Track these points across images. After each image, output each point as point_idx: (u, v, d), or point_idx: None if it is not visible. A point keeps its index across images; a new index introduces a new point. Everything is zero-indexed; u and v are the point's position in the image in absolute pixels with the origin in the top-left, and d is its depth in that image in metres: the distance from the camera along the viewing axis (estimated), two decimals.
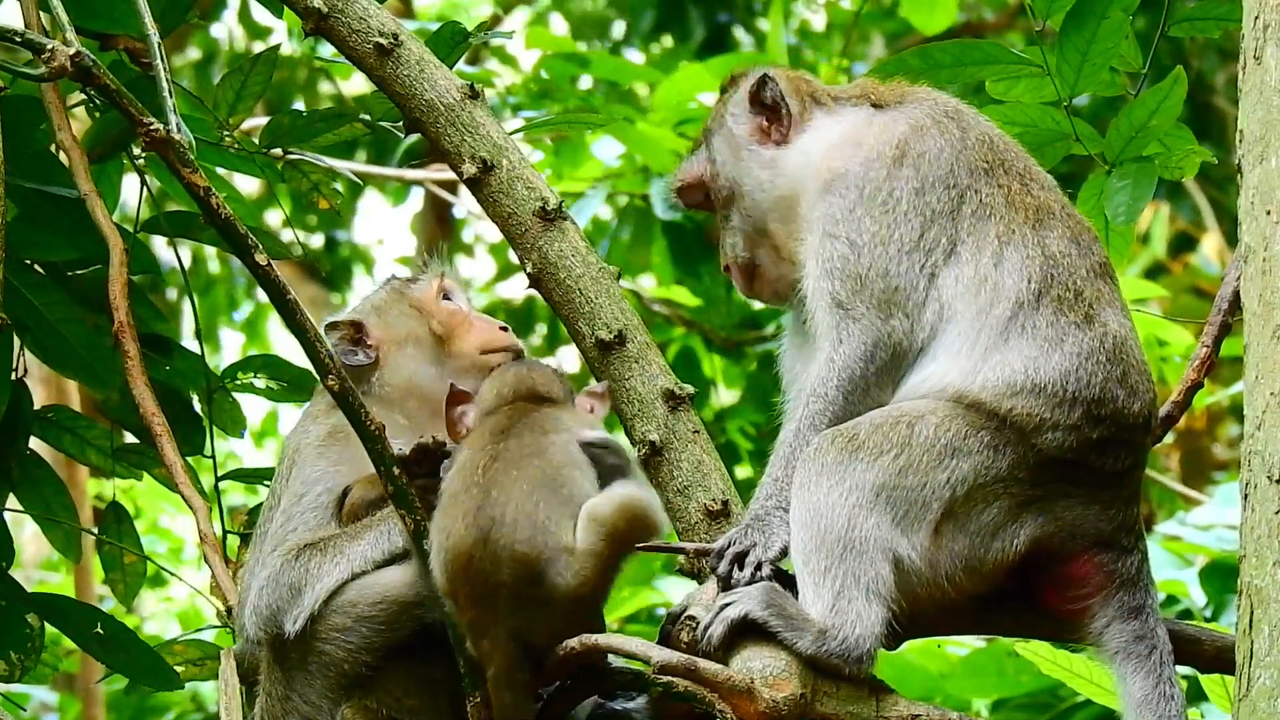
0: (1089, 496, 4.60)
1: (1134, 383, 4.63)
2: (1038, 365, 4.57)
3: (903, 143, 4.75)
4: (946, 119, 4.81)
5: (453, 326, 5.09)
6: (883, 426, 4.54)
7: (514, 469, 4.49)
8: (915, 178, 4.70)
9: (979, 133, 4.82)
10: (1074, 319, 4.62)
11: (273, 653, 4.78)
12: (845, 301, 4.66)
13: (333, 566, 4.72)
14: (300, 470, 4.90)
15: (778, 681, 4.41)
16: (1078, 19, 5.52)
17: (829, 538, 4.46)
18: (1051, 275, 4.64)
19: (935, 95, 4.93)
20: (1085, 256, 4.72)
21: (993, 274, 4.62)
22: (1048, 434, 4.55)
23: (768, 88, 4.92)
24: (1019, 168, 4.80)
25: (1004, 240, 4.65)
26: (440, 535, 4.47)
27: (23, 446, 5.74)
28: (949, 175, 4.72)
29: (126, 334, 5.33)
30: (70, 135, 5.50)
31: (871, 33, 15.56)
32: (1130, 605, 4.60)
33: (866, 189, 4.71)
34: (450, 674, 4.65)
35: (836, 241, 4.68)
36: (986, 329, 4.60)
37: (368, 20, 5.36)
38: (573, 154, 10.33)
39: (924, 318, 4.65)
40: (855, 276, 4.65)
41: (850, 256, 4.66)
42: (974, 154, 4.75)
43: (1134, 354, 4.67)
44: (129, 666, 5.53)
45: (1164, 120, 5.55)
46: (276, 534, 4.83)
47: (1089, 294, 4.66)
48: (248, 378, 5.89)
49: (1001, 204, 4.70)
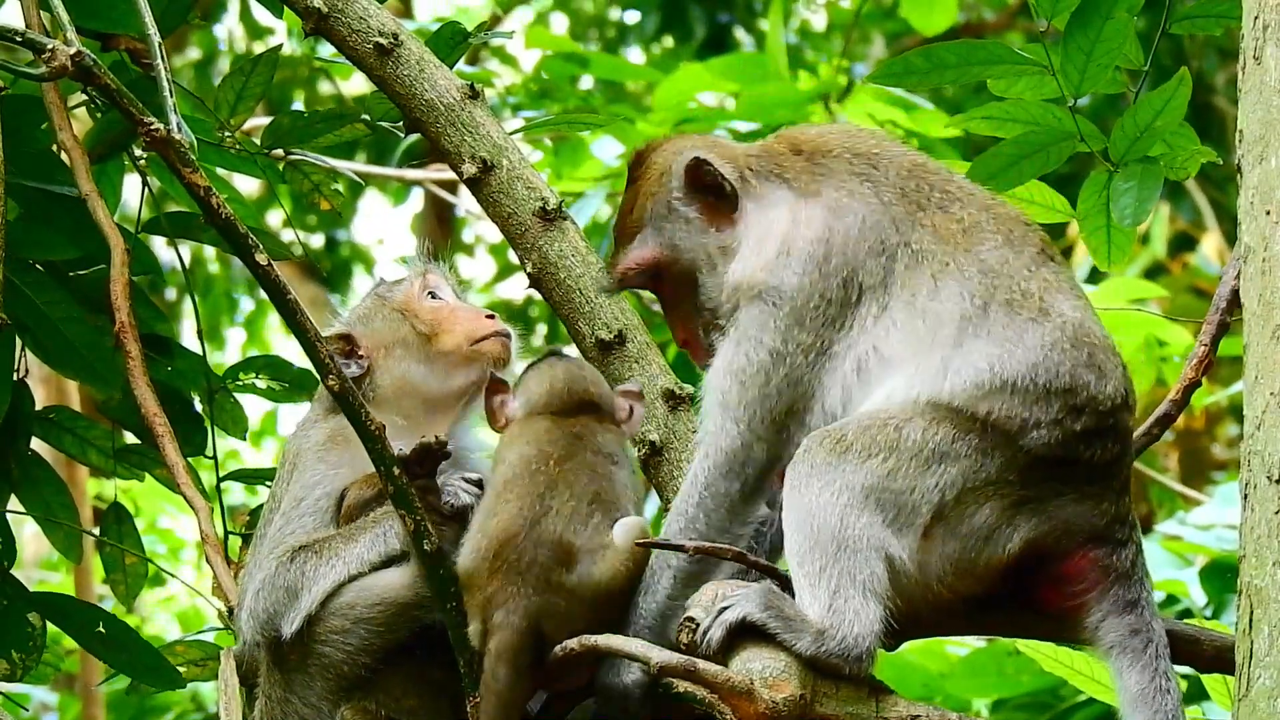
0: (1080, 493, 4.59)
1: (1101, 362, 4.61)
2: (1002, 362, 4.56)
3: (827, 237, 4.72)
4: (861, 185, 4.79)
5: (436, 323, 5.08)
6: (870, 428, 4.54)
7: (583, 478, 4.64)
8: (845, 266, 4.69)
9: (891, 183, 4.79)
10: (1028, 316, 4.60)
11: (271, 655, 4.79)
12: (732, 408, 4.67)
13: (328, 569, 4.72)
14: (300, 474, 4.90)
15: (777, 682, 4.41)
16: (1082, 19, 5.51)
17: (823, 537, 4.46)
18: (994, 285, 4.62)
19: (845, 148, 4.88)
20: (1022, 253, 4.69)
21: (931, 306, 4.62)
22: (1032, 433, 4.55)
23: (705, 170, 4.88)
24: (936, 198, 4.79)
25: (938, 276, 4.65)
26: (486, 515, 4.57)
27: (23, 447, 5.74)
28: (877, 244, 4.71)
29: (128, 334, 5.33)
30: (71, 135, 5.50)
31: (871, 33, 15.56)
32: (1125, 599, 4.59)
33: (799, 298, 4.69)
34: (449, 675, 4.65)
35: (759, 348, 4.68)
36: (936, 346, 4.59)
37: (368, 20, 5.36)
38: (573, 154, 10.33)
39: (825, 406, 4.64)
40: (761, 385, 4.66)
41: (769, 365, 4.66)
42: (894, 210, 4.74)
43: (1095, 334, 4.64)
44: (131, 666, 5.54)
45: (1169, 121, 5.55)
46: (274, 537, 4.83)
47: (1035, 289, 4.64)
48: (249, 378, 5.89)
49: (931, 243, 4.69)
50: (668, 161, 4.96)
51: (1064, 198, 5.83)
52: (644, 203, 4.96)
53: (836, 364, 4.66)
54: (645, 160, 5.03)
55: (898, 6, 11.96)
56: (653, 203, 4.94)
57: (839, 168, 4.84)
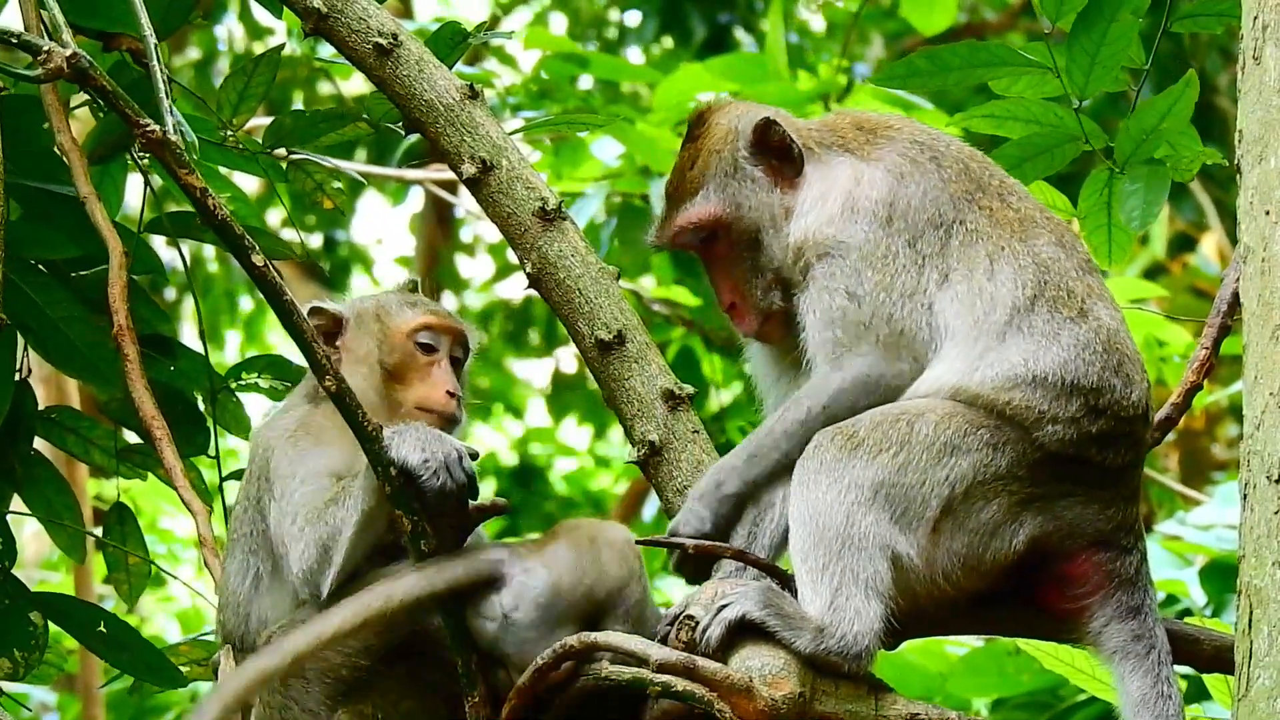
0: (1088, 495, 4.61)
1: (1129, 372, 4.66)
2: (1036, 358, 4.61)
3: (890, 200, 4.78)
4: (922, 157, 4.85)
5: (402, 369, 4.99)
6: (882, 424, 4.56)
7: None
8: (906, 230, 4.75)
9: (953, 161, 4.86)
10: (1068, 315, 4.66)
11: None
12: (848, 343, 4.70)
13: (347, 514, 4.67)
14: (280, 457, 4.83)
15: (777, 680, 4.42)
16: (1087, 21, 5.51)
17: (827, 535, 4.47)
18: (1044, 279, 4.69)
19: (906, 128, 4.95)
20: (1072, 256, 4.78)
21: (987, 286, 4.68)
22: (1047, 427, 4.57)
23: (774, 130, 4.92)
24: (995, 185, 4.86)
25: (994, 257, 4.71)
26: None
27: (26, 447, 5.74)
28: (936, 215, 4.76)
29: (126, 338, 5.32)
30: (70, 139, 5.48)
31: (871, 33, 15.56)
32: (1129, 605, 4.61)
33: (864, 249, 4.74)
34: (446, 677, 4.65)
35: (835, 294, 4.73)
36: (984, 334, 4.64)
37: (367, 20, 5.36)
38: (572, 154, 10.33)
39: (926, 352, 4.69)
40: (858, 324, 4.70)
41: (851, 307, 4.71)
42: (954, 186, 4.81)
43: (1127, 345, 4.71)
44: (133, 665, 5.55)
45: (1175, 123, 5.55)
46: (289, 511, 4.77)
47: (1080, 291, 4.71)
48: (251, 378, 5.89)
49: (987, 225, 4.76)
50: (733, 122, 4.98)
51: (1065, 197, 5.84)
52: (707, 159, 4.96)
53: (921, 314, 4.69)
54: (708, 120, 5.04)
55: (897, 6, 11.96)
56: (717, 160, 4.95)
57: (902, 139, 4.90)
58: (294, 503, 4.74)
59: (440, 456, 4.54)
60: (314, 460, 4.80)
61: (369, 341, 5.02)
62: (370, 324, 5.05)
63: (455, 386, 4.99)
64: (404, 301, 5.11)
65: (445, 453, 4.55)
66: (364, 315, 5.08)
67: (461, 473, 4.55)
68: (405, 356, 5.00)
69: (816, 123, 5.05)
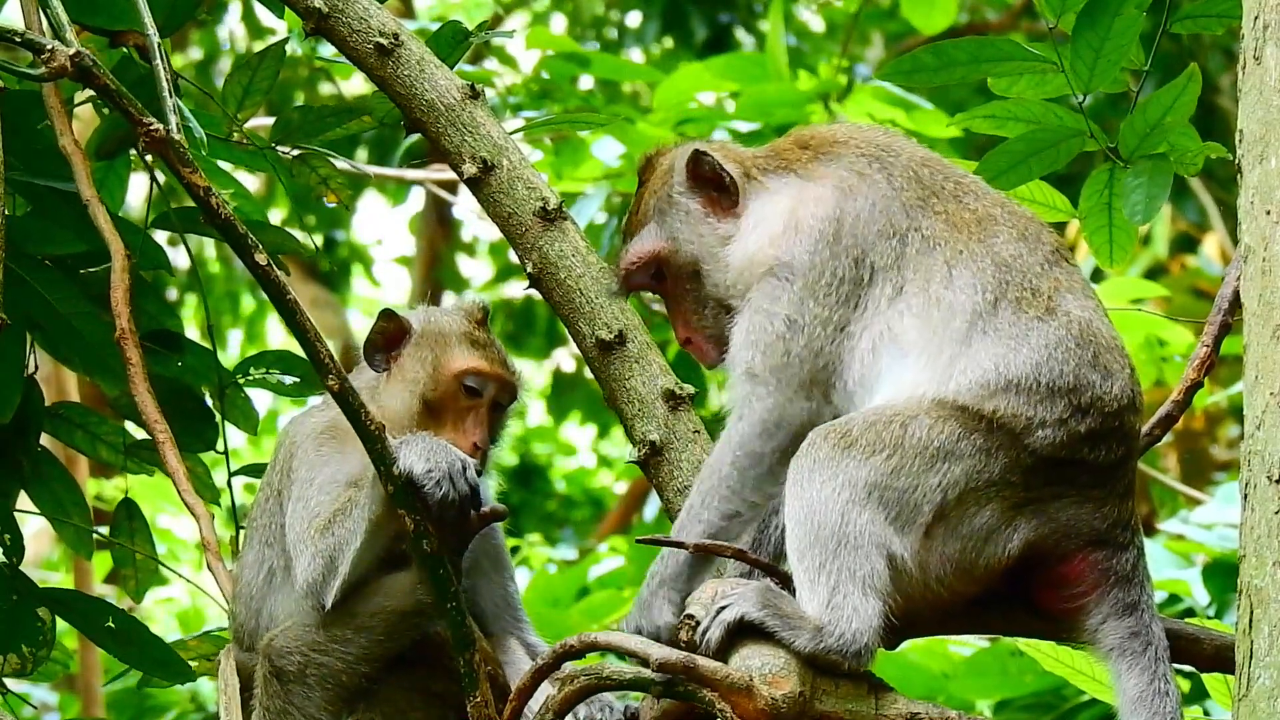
0: (1083, 495, 4.59)
1: (1106, 362, 4.61)
2: (1007, 362, 4.56)
3: (837, 215, 4.76)
4: (870, 169, 4.82)
5: (441, 408, 4.98)
6: (876, 425, 4.54)
7: None
8: (855, 246, 4.72)
9: (904, 168, 4.82)
10: (1035, 314, 4.61)
11: (270, 665, 4.78)
12: (760, 375, 4.69)
13: (353, 525, 4.69)
14: (303, 458, 4.86)
15: (777, 679, 4.41)
16: (1091, 17, 5.51)
17: (823, 533, 4.47)
18: (1006, 280, 4.64)
19: (854, 140, 4.91)
20: (1036, 251, 4.71)
21: (945, 295, 4.64)
22: (1037, 433, 4.55)
23: (704, 161, 4.92)
24: (950, 188, 4.81)
25: (952, 263, 4.67)
26: None
27: (33, 443, 5.74)
28: (887, 226, 4.73)
29: (128, 340, 5.32)
30: (72, 140, 5.47)
31: (871, 33, 15.56)
32: (1125, 602, 4.59)
33: (811, 275, 4.72)
34: (453, 687, 4.65)
35: (774, 319, 4.71)
36: (947, 342, 4.60)
37: (368, 20, 5.36)
38: (573, 154, 10.33)
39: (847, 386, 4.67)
40: (783, 354, 4.69)
41: (786, 334, 4.69)
42: (906, 195, 4.77)
43: (1102, 334, 4.65)
44: (141, 660, 5.56)
45: (1178, 117, 5.55)
46: (301, 515, 4.79)
47: (1045, 287, 4.65)
48: (259, 373, 5.89)
49: (943, 230, 4.72)
50: (671, 160, 5.04)
51: (1064, 197, 5.83)
52: (648, 200, 5.02)
53: (854, 343, 4.68)
54: (653, 163, 5.12)
55: (897, 7, 11.96)
56: (655, 199, 5.01)
57: (848, 154, 4.88)
58: (309, 508, 4.77)
59: (444, 466, 4.55)
60: (333, 467, 4.84)
61: (420, 370, 4.99)
62: (427, 350, 5.02)
63: (484, 440, 4.97)
64: (466, 338, 5.07)
65: (449, 463, 4.56)
66: (427, 336, 5.03)
67: (465, 483, 4.57)
68: (448, 395, 4.98)
69: (765, 148, 5.04)
